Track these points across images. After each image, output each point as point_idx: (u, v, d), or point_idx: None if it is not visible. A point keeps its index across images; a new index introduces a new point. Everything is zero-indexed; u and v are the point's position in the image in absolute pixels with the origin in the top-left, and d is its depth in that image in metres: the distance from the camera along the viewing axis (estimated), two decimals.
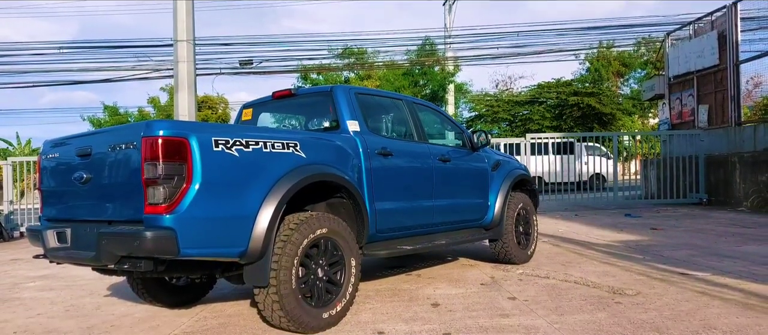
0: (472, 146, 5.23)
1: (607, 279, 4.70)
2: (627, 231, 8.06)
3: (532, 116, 29.28)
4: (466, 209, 5.01)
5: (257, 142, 3.21)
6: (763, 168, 10.70)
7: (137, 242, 2.76)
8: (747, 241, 6.61)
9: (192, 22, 14.92)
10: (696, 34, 13.72)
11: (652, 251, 6.17)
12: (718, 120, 12.84)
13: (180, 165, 2.85)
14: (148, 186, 2.82)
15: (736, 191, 11.36)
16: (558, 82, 30.56)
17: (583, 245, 6.86)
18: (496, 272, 5.22)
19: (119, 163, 3.03)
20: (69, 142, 3.46)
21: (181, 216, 2.83)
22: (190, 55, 14.83)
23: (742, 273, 4.69)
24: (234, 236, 3.05)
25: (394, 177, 4.18)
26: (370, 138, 4.07)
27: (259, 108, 4.75)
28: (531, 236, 5.78)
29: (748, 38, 12.44)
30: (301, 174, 3.36)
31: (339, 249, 3.56)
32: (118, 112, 37.51)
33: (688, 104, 13.93)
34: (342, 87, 4.17)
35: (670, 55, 14.64)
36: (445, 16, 28.71)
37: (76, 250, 3.29)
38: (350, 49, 29.69)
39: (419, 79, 28.27)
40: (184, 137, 2.88)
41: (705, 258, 5.59)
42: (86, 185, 3.21)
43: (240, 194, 3.09)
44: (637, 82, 35.56)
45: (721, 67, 12.57)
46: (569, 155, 13.79)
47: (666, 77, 14.86)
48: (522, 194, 5.71)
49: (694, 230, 7.93)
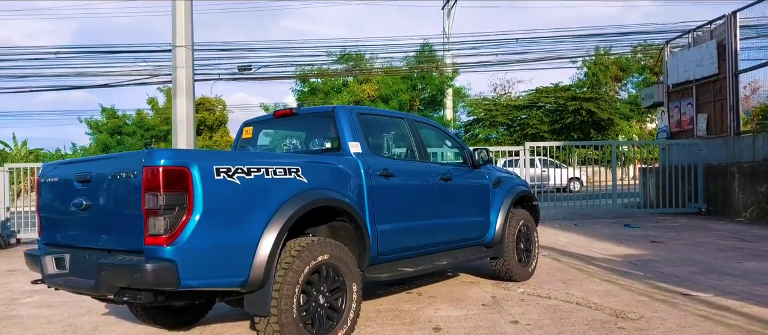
0: (473, 163, 5.21)
1: (609, 300, 4.67)
2: (627, 244, 8.04)
3: (531, 121, 29.32)
4: (467, 228, 4.99)
5: (259, 168, 3.17)
6: (761, 179, 10.71)
7: (137, 275, 2.72)
8: (747, 257, 6.60)
9: (191, 28, 14.88)
10: (695, 43, 13.73)
11: (652, 267, 6.15)
12: (716, 129, 12.84)
13: (181, 195, 2.82)
14: (149, 217, 2.78)
15: (735, 201, 11.36)
16: (556, 87, 30.61)
17: (584, 259, 6.83)
18: (498, 290, 5.19)
19: (119, 191, 2.99)
20: (68, 166, 3.42)
21: (182, 247, 2.79)
22: (188, 60, 14.78)
23: (743, 294, 4.67)
24: (235, 266, 3.02)
25: (396, 198, 4.16)
26: (372, 159, 4.04)
27: (259, 126, 4.72)
28: (532, 252, 5.75)
29: (747, 46, 12.47)
30: (302, 200, 3.32)
31: (340, 275, 3.53)
32: (115, 114, 37.43)
33: (686, 112, 13.94)
34: (343, 107, 4.14)
35: (669, 63, 14.65)
36: (443, 20, 28.73)
37: (74, 277, 3.26)
38: (349, 54, 29.71)
39: (418, 83, 28.28)
40: (185, 166, 2.84)
41: (705, 275, 5.58)
42: (85, 212, 3.17)
43: (241, 222, 3.06)
44: (635, 86, 35.63)
45: (720, 76, 12.58)
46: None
47: (665, 85, 14.87)
48: (523, 211, 5.69)
49: (694, 243, 7.92)
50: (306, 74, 24.59)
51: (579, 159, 24.38)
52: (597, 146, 23.18)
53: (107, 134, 36.30)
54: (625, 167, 30.54)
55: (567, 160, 20.49)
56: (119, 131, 37.05)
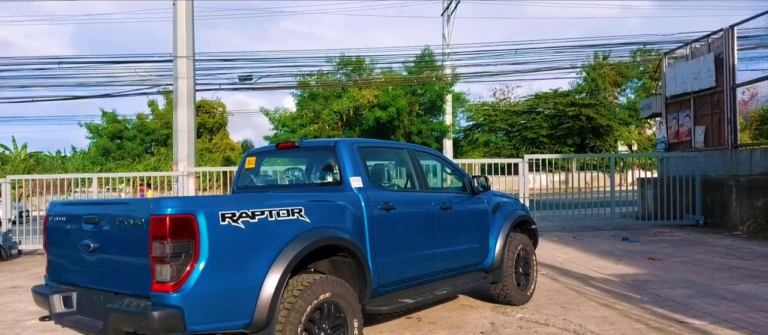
0: (472, 190, 5.28)
1: (606, 328, 4.74)
2: (625, 262, 8.11)
3: (530, 125, 29.46)
4: (466, 255, 5.06)
5: (263, 212, 3.25)
6: (758, 193, 10.79)
7: (145, 322, 2.79)
8: (744, 278, 6.67)
9: (192, 39, 14.94)
10: (693, 56, 13.82)
11: (649, 289, 6.22)
12: (714, 142, 12.93)
13: (188, 243, 2.89)
14: (156, 264, 2.85)
15: (733, 214, 11.44)
16: (555, 93, 30.77)
17: (582, 279, 6.90)
18: (496, 316, 5.26)
19: (127, 237, 3.06)
20: (76, 207, 3.49)
21: (188, 294, 2.86)
22: (189, 71, 14.85)
23: (738, 322, 4.75)
24: (239, 308, 3.09)
25: (396, 230, 4.23)
26: (373, 193, 4.11)
27: (262, 157, 4.79)
28: (530, 276, 5.82)
29: (745, 57, 12.58)
30: (305, 241, 3.40)
31: (342, 311, 3.60)
32: (116, 118, 37.51)
33: (684, 124, 14.03)
34: (345, 141, 4.21)
35: (668, 74, 14.74)
36: (443, 26, 28.82)
37: (82, 317, 3.32)
38: (348, 59, 29.80)
39: (417, 89, 28.39)
40: (191, 214, 2.91)
41: (702, 299, 5.65)
42: (93, 254, 3.24)
43: (245, 265, 3.13)
44: (634, 92, 35.75)
45: (717, 89, 12.67)
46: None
47: (663, 96, 14.96)
48: (522, 235, 5.76)
49: (691, 261, 7.99)
50: (306, 84, 24.66)
51: (577, 165, 24.50)
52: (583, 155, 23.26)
53: (107, 138, 36.37)
54: (622, 173, 30.68)
55: (567, 166, 20.62)
56: (120, 135, 37.13)
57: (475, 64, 25.33)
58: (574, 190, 15.37)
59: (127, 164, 32.96)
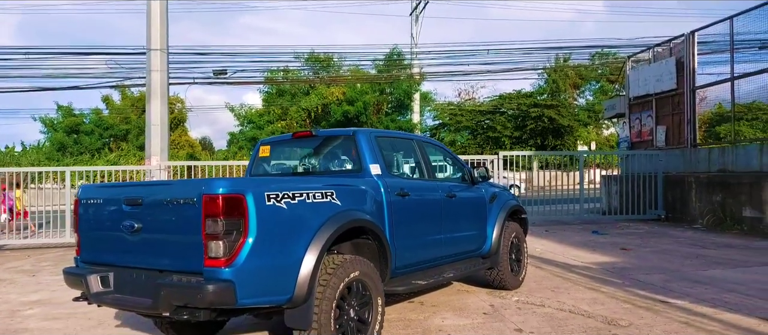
0: (471, 180, 5.57)
1: (598, 308, 5.11)
2: (600, 251, 8.59)
3: (494, 125, 30.22)
4: (468, 241, 5.34)
5: (302, 193, 3.43)
6: (716, 189, 11.54)
7: (200, 295, 2.94)
8: (711, 265, 7.22)
9: (166, 32, 14.75)
10: (655, 59, 14.59)
11: (628, 275, 6.66)
12: (674, 141, 13.70)
13: (238, 221, 3.05)
14: (209, 241, 3.00)
15: (692, 209, 12.19)
16: (519, 94, 31.65)
17: (564, 267, 7.31)
18: (494, 299, 5.57)
19: (175, 216, 3.18)
20: (114, 189, 3.58)
21: (239, 269, 3.02)
22: (163, 64, 14.66)
23: (715, 302, 5.20)
24: (283, 284, 3.26)
25: (410, 216, 4.46)
26: (390, 180, 4.33)
27: (277, 146, 4.94)
28: (522, 262, 6.16)
29: (703, 61, 13.37)
30: (339, 222, 3.59)
31: (367, 290, 3.81)
32: (72, 112, 36.29)
33: (647, 124, 14.79)
34: (363, 131, 4.41)
35: (631, 77, 15.49)
36: (411, 26, 29.20)
37: (121, 295, 3.42)
38: (316, 56, 29.85)
39: (385, 87, 28.69)
40: (241, 194, 3.07)
41: (678, 283, 6.11)
42: (136, 234, 3.34)
43: (287, 243, 3.30)
44: (593, 93, 37.12)
45: (678, 91, 13.44)
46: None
47: (626, 98, 15.71)
48: (515, 224, 6.09)
49: (660, 251, 8.54)
50: (278, 80, 24.59)
51: (540, 164, 25.36)
52: (554, 153, 24.07)
53: (63, 132, 35.15)
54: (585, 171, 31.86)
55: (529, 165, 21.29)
56: (76, 129, 35.95)
57: (443, 63, 25.79)
58: (543, 187, 16.02)
59: (86, 160, 31.96)
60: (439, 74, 23.17)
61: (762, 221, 10.34)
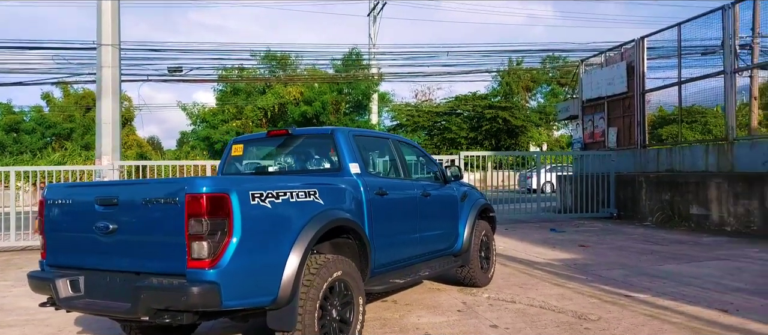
0: (444, 179, 5.62)
1: (567, 303, 5.25)
2: (560, 248, 8.84)
3: (450, 127, 30.65)
4: (442, 239, 5.39)
5: (286, 192, 3.36)
6: (665, 188, 12.09)
7: (184, 297, 2.83)
8: (666, 260, 7.54)
9: (117, 26, 14.22)
10: (607, 63, 15.15)
11: (590, 270, 6.88)
12: (625, 142, 14.26)
13: (223, 220, 2.96)
14: (193, 241, 2.90)
15: (643, 207, 12.72)
16: (474, 96, 32.22)
17: (528, 264, 7.48)
18: (466, 296, 5.63)
19: (155, 216, 3.06)
20: (86, 189, 3.41)
21: (224, 270, 2.94)
22: (115, 60, 14.11)
23: (675, 295, 5.43)
24: (267, 285, 3.19)
25: (388, 214, 4.46)
26: (369, 179, 4.31)
27: (250, 144, 4.83)
28: (490, 260, 6.26)
29: (652, 66, 13.99)
30: (322, 221, 3.55)
31: (349, 290, 3.78)
32: (12, 110, 34.46)
33: (599, 125, 15.33)
34: (342, 130, 4.38)
35: (584, 80, 16.02)
36: (369, 26, 29.23)
37: (93, 299, 3.26)
38: (273, 54, 29.43)
39: (343, 87, 28.59)
40: (226, 193, 2.99)
41: (637, 277, 6.36)
42: (110, 235, 3.20)
43: (271, 244, 3.24)
44: (544, 96, 38.21)
45: (628, 94, 14.00)
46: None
47: (580, 100, 16.24)
48: (484, 222, 6.18)
49: (617, 247, 8.87)
50: (235, 78, 24.09)
51: (494, 164, 25.96)
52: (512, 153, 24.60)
53: (2, 131, 33.32)
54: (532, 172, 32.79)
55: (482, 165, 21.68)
56: (16, 128, 34.15)
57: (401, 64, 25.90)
58: (497, 187, 16.35)
59: (27, 160, 30.39)
60: (398, 75, 23.28)
61: (708, 218, 10.90)
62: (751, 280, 6.06)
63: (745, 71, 13.33)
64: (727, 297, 5.32)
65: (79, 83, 27.84)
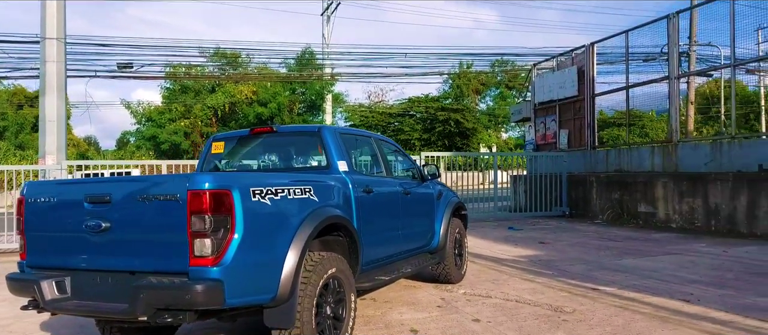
0: (421, 177, 5.70)
1: (540, 297, 5.44)
2: (522, 246, 9.12)
3: (404, 128, 30.93)
4: (421, 237, 5.47)
5: (284, 189, 3.34)
6: (615, 187, 12.67)
7: (188, 296, 2.77)
8: (622, 255, 7.93)
9: (63, 18, 13.57)
10: (558, 67, 15.72)
11: (554, 266, 7.14)
12: (576, 143, 14.84)
13: (225, 217, 2.91)
14: (195, 239, 2.84)
15: (594, 206, 13.28)
16: (427, 98, 32.66)
17: (495, 261, 7.69)
18: (442, 293, 5.74)
19: (154, 214, 2.97)
20: (72, 186, 3.27)
21: (227, 267, 2.89)
22: (60, 55, 13.49)
23: (639, 288, 5.73)
24: (267, 283, 3.16)
25: (375, 212, 4.49)
26: (356, 177, 4.33)
27: (232, 142, 4.75)
28: (463, 257, 6.40)
29: (602, 71, 14.65)
30: (318, 218, 3.54)
31: (342, 287, 3.79)
32: None
33: (551, 127, 15.89)
34: (329, 128, 4.38)
35: (536, 83, 16.56)
36: (322, 26, 29.08)
37: (85, 301, 3.13)
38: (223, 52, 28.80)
39: (297, 87, 28.33)
40: (228, 189, 2.94)
41: (600, 272, 6.65)
42: (102, 234, 3.08)
43: (271, 241, 3.21)
44: (493, 99, 39.19)
45: (579, 98, 14.58)
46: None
47: (532, 103, 16.77)
48: (457, 220, 6.31)
49: (575, 244, 9.23)
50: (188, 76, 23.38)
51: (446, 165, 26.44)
52: (466, 154, 25.10)
53: None
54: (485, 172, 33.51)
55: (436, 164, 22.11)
56: None
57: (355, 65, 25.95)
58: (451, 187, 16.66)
59: None
60: (353, 76, 23.29)
61: (655, 215, 11.51)
62: (704, 273, 6.47)
63: (684, 77, 14.19)
64: (685, 288, 5.65)
65: (20, 79, 26.25)
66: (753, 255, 7.64)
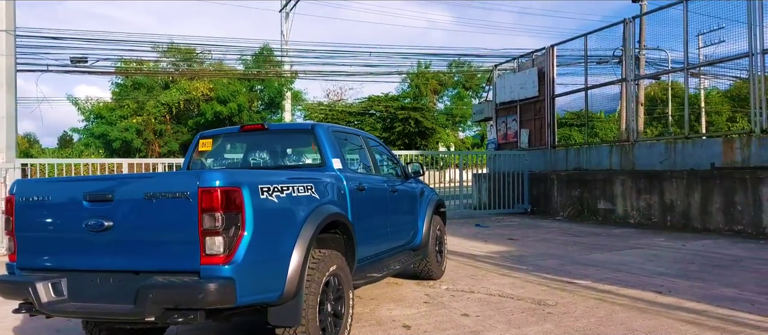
0: (405, 176, 5.76)
1: (521, 291, 5.60)
2: (492, 242, 9.33)
3: (364, 127, 30.95)
4: (406, 234, 5.52)
5: (289, 186, 3.33)
6: (575, 185, 13.12)
7: (201, 295, 2.73)
8: (590, 250, 8.23)
9: (13, 10, 12.91)
10: (519, 69, 16.12)
11: (527, 261, 7.35)
12: (537, 142, 15.26)
13: (236, 215, 2.88)
14: (207, 237, 2.80)
15: (555, 202, 13.70)
16: (386, 97, 32.82)
17: (470, 257, 7.84)
18: (425, 289, 5.81)
19: (161, 212, 2.90)
20: (69, 184, 3.14)
21: (239, 265, 2.86)
22: (9, 48, 12.81)
23: (612, 280, 5.97)
24: (275, 280, 3.14)
25: (367, 209, 4.51)
26: (350, 175, 4.35)
27: (220, 139, 4.66)
28: (443, 253, 6.50)
29: (562, 72, 15.11)
30: (321, 215, 3.54)
31: (342, 284, 3.80)
32: None
33: (512, 127, 16.27)
34: (322, 125, 4.37)
35: (498, 84, 16.92)
36: (281, 23, 28.69)
37: (85, 303, 3.02)
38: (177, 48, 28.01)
39: (255, 85, 27.87)
40: (238, 186, 2.91)
41: (572, 266, 6.89)
42: (104, 234, 2.98)
43: (278, 238, 3.19)
44: (450, 99, 39.75)
45: (540, 98, 15.00)
46: None
47: (494, 103, 17.13)
48: (438, 217, 6.40)
49: (542, 239, 9.51)
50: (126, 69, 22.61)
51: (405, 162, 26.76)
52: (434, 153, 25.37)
53: None
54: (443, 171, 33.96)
55: None
56: None
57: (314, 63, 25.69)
58: None
59: None
60: (318, 73, 23.11)
61: (614, 212, 11.99)
62: (669, 265, 6.80)
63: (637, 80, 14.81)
64: (655, 280, 5.94)
65: None
66: (710, 248, 8.09)
